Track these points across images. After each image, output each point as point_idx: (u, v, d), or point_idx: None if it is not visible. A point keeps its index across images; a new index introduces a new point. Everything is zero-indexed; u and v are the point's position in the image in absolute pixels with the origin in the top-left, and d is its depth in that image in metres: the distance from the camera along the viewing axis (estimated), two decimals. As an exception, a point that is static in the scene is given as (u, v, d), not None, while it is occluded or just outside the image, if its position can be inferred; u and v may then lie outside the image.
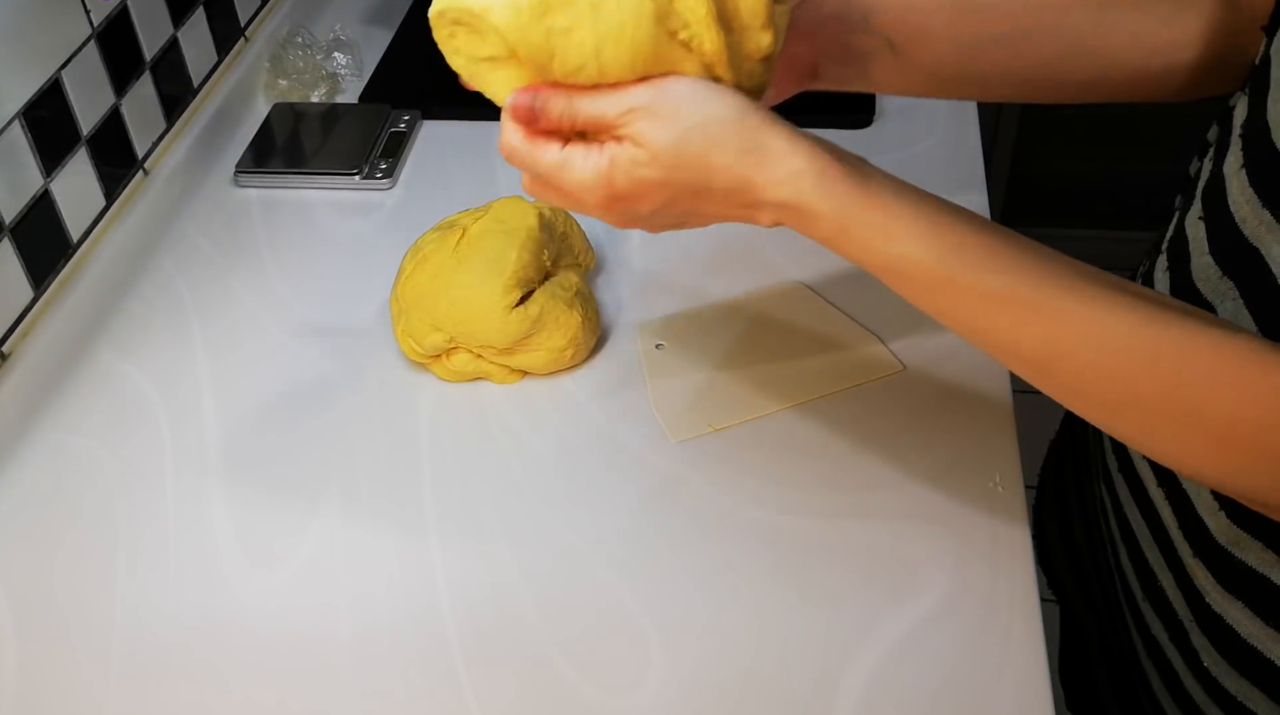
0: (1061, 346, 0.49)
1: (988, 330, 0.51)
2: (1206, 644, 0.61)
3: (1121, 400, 0.48)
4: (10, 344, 0.81)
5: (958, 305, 0.51)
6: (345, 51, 1.14)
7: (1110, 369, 0.48)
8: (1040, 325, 0.49)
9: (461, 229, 0.82)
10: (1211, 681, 0.61)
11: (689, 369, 0.81)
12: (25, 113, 0.81)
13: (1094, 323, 0.48)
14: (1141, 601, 0.67)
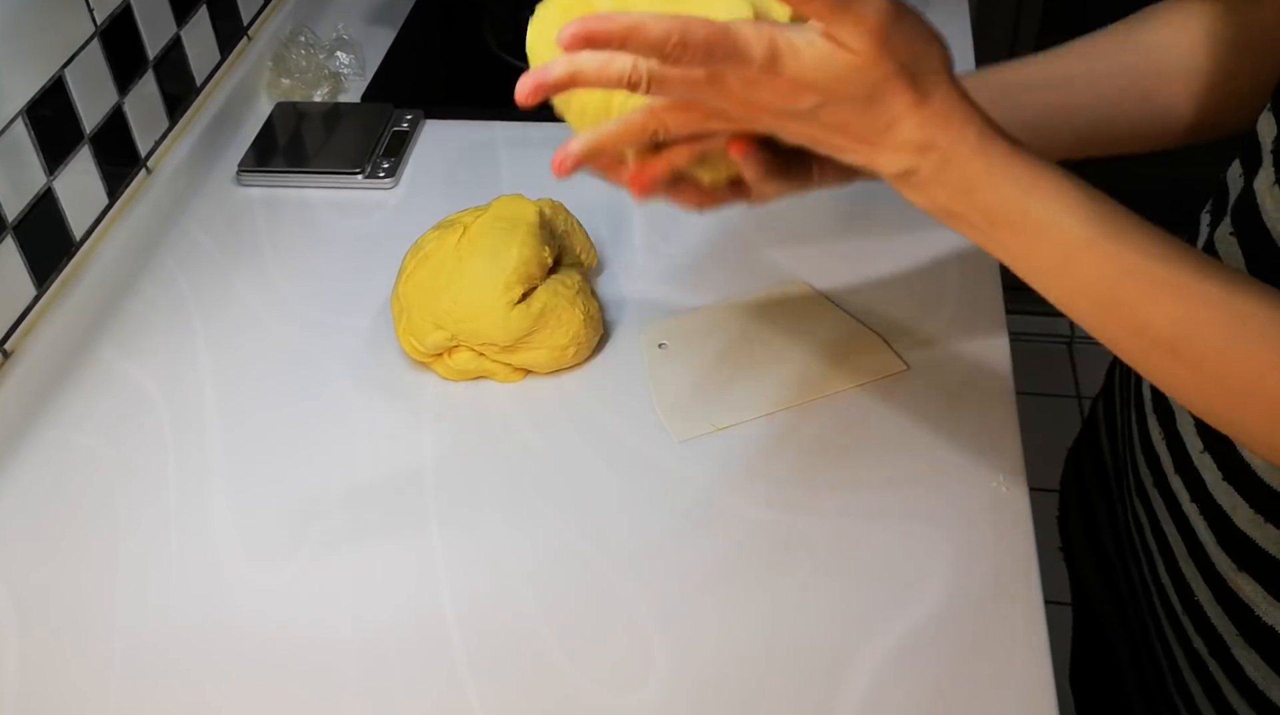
0: (1194, 328, 0.47)
1: (1118, 303, 0.48)
2: (1252, 655, 0.60)
3: (1248, 389, 0.47)
4: (12, 342, 0.81)
5: (1092, 275, 0.49)
6: (348, 51, 1.14)
7: (1242, 357, 0.47)
8: (1175, 304, 0.47)
9: (462, 227, 0.82)
10: (1257, 694, 0.60)
11: (692, 369, 0.81)
12: (28, 111, 0.81)
13: (1231, 308, 0.47)
14: (1181, 615, 0.66)
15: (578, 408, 0.79)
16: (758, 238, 0.92)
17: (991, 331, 0.81)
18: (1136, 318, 0.48)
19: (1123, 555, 0.76)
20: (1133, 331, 0.49)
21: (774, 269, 0.89)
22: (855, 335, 0.82)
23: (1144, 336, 0.49)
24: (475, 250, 0.80)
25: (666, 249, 0.93)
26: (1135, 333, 0.49)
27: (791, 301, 0.85)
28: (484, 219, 0.82)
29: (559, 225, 0.85)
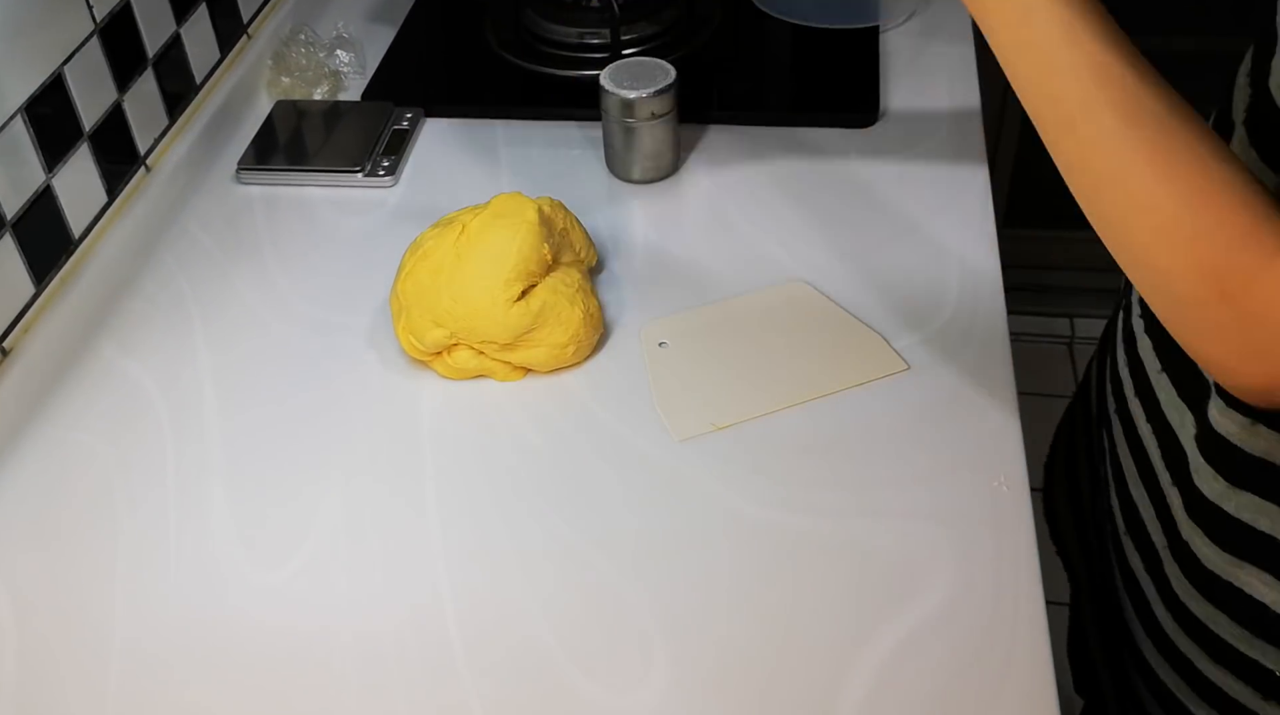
0: (1098, 110, 0.51)
1: (1049, 67, 0.52)
2: (1177, 571, 0.64)
3: (1137, 195, 0.51)
4: (11, 340, 0.81)
5: (1039, 35, 0.52)
6: (348, 49, 1.14)
7: (1135, 151, 0.50)
8: (1094, 83, 0.51)
9: (461, 225, 0.82)
10: (1180, 607, 0.64)
11: (693, 367, 0.81)
12: (27, 108, 0.81)
13: (1141, 105, 0.50)
14: (1124, 536, 0.71)
15: (578, 406, 0.79)
16: (758, 236, 0.92)
17: (993, 331, 0.81)
18: (1054, 85, 0.52)
19: (1093, 495, 0.78)
20: (1049, 99, 0.52)
21: (775, 268, 0.89)
22: (856, 334, 0.82)
23: (1058, 107, 0.52)
24: (474, 248, 0.80)
25: (667, 247, 0.93)
26: (1051, 101, 0.52)
27: (792, 300, 0.85)
28: (483, 217, 0.82)
29: (558, 223, 0.85)
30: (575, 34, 1.11)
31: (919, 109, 1.03)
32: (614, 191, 0.98)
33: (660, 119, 0.95)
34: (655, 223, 0.96)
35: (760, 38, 1.14)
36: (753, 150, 1.01)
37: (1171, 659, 0.68)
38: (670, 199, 0.97)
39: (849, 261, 0.89)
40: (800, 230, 0.92)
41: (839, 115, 1.02)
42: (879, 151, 0.99)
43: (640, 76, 0.94)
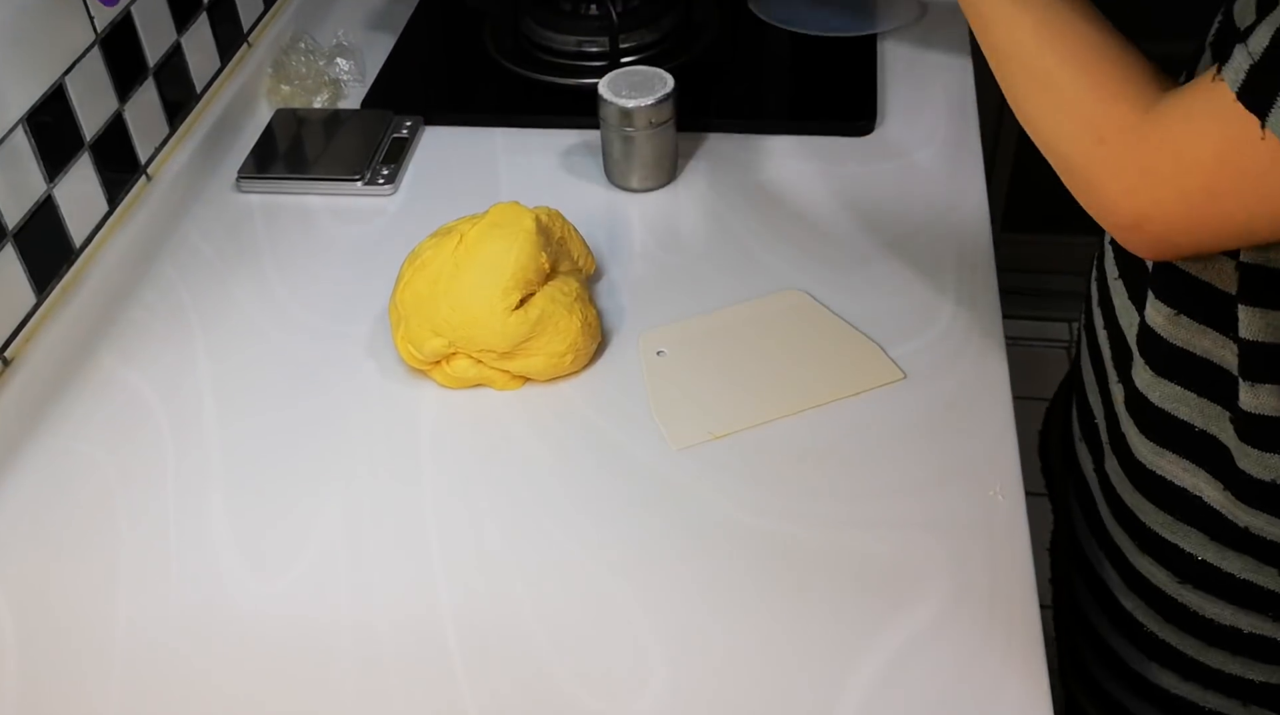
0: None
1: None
2: (1115, 465, 0.72)
3: (1041, 76, 0.61)
4: (13, 349, 0.81)
5: None
6: (348, 57, 1.14)
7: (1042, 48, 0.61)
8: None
9: (459, 234, 0.82)
10: (1116, 499, 0.73)
11: (690, 376, 0.81)
12: (28, 118, 0.81)
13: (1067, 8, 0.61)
14: (1078, 442, 0.79)
15: (576, 415, 0.79)
16: (755, 245, 0.93)
17: (989, 340, 0.82)
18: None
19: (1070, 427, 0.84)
20: (975, 14, 0.63)
21: (772, 276, 0.89)
22: (852, 343, 0.82)
23: (979, 15, 0.63)
24: (473, 257, 0.80)
25: (664, 256, 0.93)
26: (976, 14, 0.63)
27: (789, 309, 0.86)
28: (481, 226, 0.82)
29: (556, 231, 0.85)
30: (574, 42, 1.12)
31: (916, 117, 1.04)
32: (613, 199, 0.99)
33: (659, 128, 0.95)
34: (654, 230, 0.96)
35: (758, 45, 1.15)
36: (751, 158, 1.01)
37: (1107, 550, 0.75)
38: (669, 207, 0.97)
39: (846, 270, 0.89)
40: (798, 238, 0.92)
41: (836, 123, 1.02)
42: (876, 159, 1.00)
43: (639, 86, 0.95)
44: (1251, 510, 0.65)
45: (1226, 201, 0.53)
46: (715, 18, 1.15)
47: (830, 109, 1.05)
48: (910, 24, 1.14)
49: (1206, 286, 0.63)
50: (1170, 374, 0.66)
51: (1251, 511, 0.65)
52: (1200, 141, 0.53)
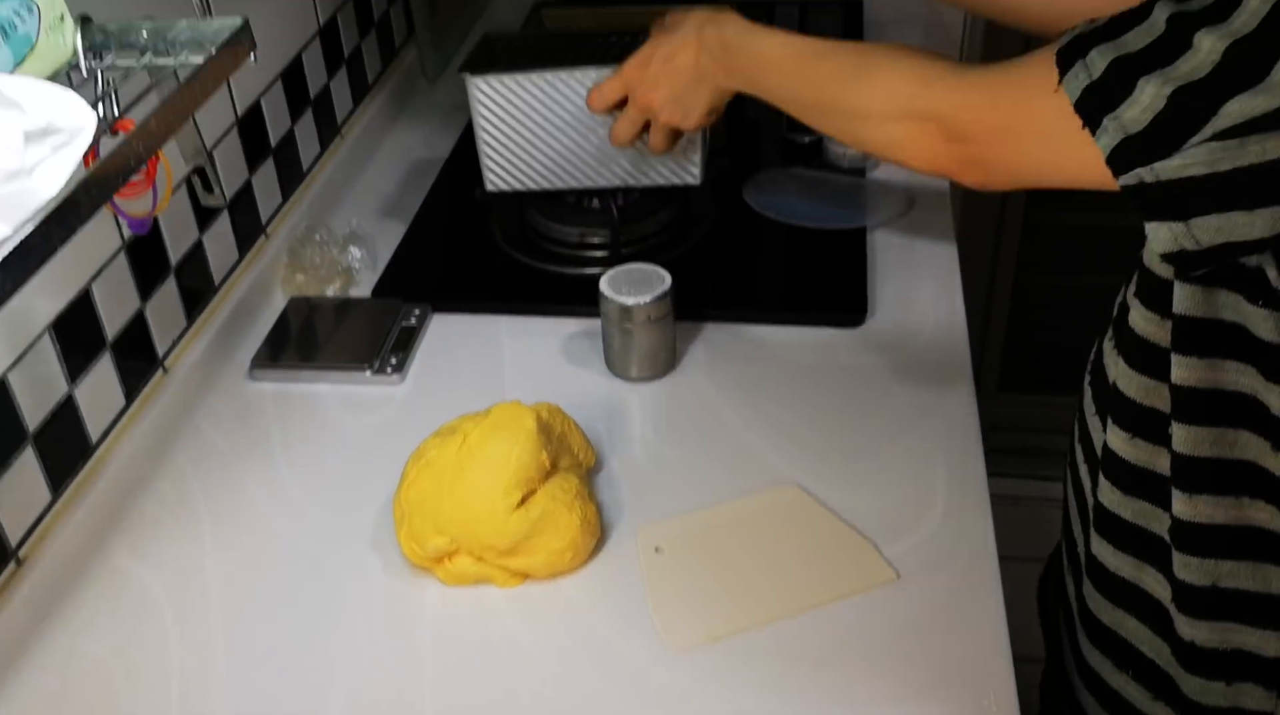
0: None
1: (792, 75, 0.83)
2: (1090, 587, 0.80)
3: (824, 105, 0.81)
4: (26, 549, 0.83)
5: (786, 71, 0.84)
6: (360, 245, 1.19)
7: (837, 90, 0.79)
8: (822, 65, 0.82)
9: (463, 435, 0.85)
10: (1092, 619, 0.80)
11: (687, 575, 0.83)
12: (54, 325, 0.85)
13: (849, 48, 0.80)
14: (1066, 575, 0.86)
15: (576, 615, 0.81)
16: (751, 436, 0.95)
17: (980, 540, 0.83)
18: (794, 89, 0.84)
19: None
20: (792, 99, 0.84)
21: (767, 469, 0.91)
22: (846, 542, 0.84)
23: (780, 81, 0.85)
24: (475, 457, 0.83)
25: (662, 446, 0.96)
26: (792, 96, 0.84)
27: (784, 505, 0.88)
28: (484, 426, 0.85)
29: (556, 427, 0.88)
30: (577, 233, 1.17)
31: (906, 309, 1.08)
32: (613, 389, 1.02)
33: (657, 322, 0.99)
34: (652, 421, 0.99)
35: (753, 236, 1.20)
36: (747, 348, 1.05)
37: (1085, 677, 0.82)
38: (667, 397, 1.00)
39: (839, 463, 0.91)
40: (792, 429, 0.95)
41: (829, 315, 1.06)
42: (868, 351, 1.03)
43: (638, 283, 0.99)
44: (1193, 620, 0.71)
45: (1023, 142, 0.65)
46: (712, 209, 1.20)
47: (823, 301, 1.09)
48: (899, 216, 1.19)
49: (1148, 410, 0.70)
50: (1125, 487, 0.74)
51: (1192, 622, 0.71)
52: (1009, 88, 0.65)
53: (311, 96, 1.26)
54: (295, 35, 1.22)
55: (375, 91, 1.44)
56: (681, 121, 0.94)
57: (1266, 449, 0.66)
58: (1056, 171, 0.64)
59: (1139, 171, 0.58)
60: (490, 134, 1.09)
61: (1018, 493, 1.90)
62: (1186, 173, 0.57)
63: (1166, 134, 0.57)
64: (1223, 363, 0.66)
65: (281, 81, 1.19)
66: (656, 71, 0.92)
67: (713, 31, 0.88)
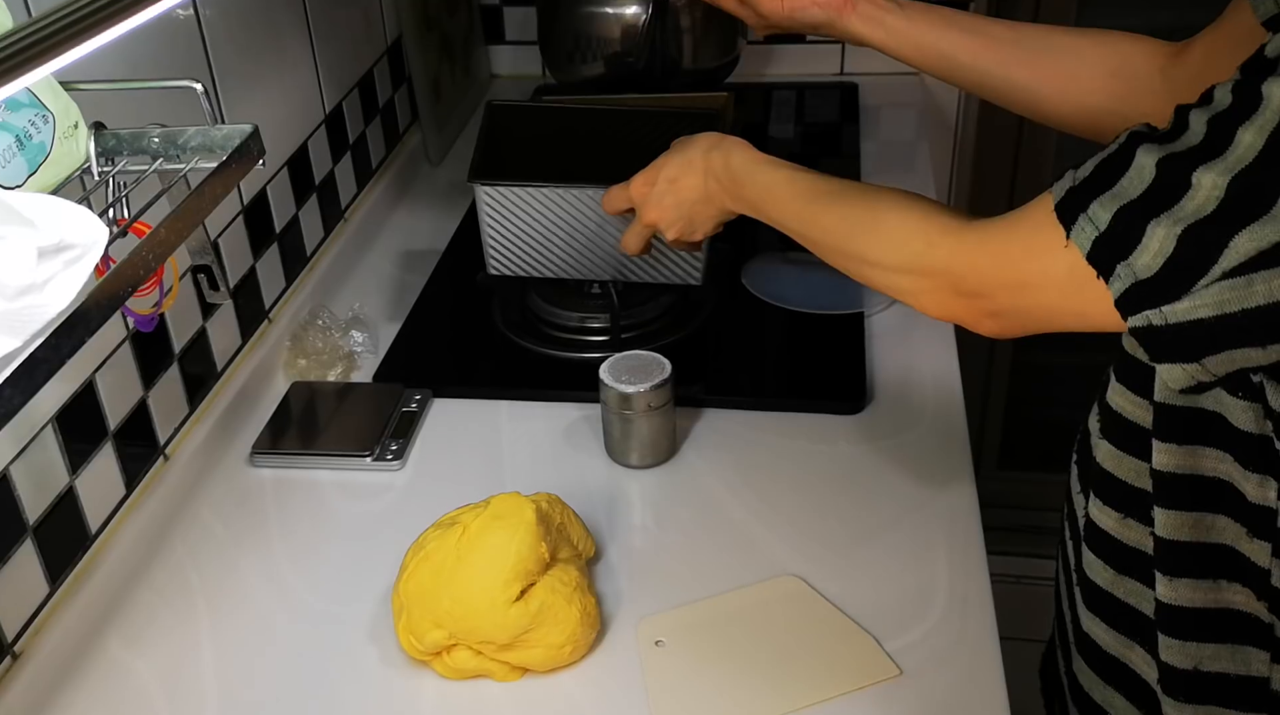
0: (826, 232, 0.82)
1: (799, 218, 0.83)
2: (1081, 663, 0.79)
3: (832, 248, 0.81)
4: (22, 643, 0.83)
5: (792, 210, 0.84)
6: (362, 329, 1.20)
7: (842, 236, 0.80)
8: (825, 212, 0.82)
9: (462, 526, 0.85)
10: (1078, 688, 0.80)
11: (688, 669, 0.82)
12: (58, 417, 0.85)
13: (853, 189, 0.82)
14: (1057, 654, 0.85)
15: (576, 711, 0.80)
16: (751, 524, 0.95)
17: (982, 631, 0.83)
18: (791, 221, 0.84)
19: None
20: (793, 228, 0.84)
21: (767, 558, 0.91)
22: (848, 636, 0.83)
23: (794, 224, 0.84)
24: (474, 549, 0.83)
25: (663, 535, 0.96)
26: (794, 228, 0.84)
27: (785, 597, 0.87)
28: (483, 518, 0.85)
29: (555, 518, 0.88)
30: (577, 318, 1.18)
31: (904, 395, 1.08)
32: (613, 476, 1.02)
33: (657, 410, 0.99)
34: (652, 509, 0.99)
35: (752, 322, 1.21)
36: (746, 434, 1.05)
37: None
38: (667, 485, 1.01)
39: (841, 552, 0.91)
40: (792, 518, 0.95)
41: (828, 402, 1.07)
42: (867, 438, 1.04)
43: (637, 370, 1.00)
44: (1177, 703, 0.71)
45: (1039, 295, 0.65)
46: (711, 294, 1.22)
47: (821, 387, 1.09)
48: (894, 302, 1.20)
49: (1128, 487, 0.71)
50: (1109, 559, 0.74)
51: (1177, 705, 0.71)
52: (1023, 239, 0.65)
53: (316, 182, 1.28)
54: (302, 124, 1.25)
55: (379, 176, 1.46)
56: (688, 237, 0.94)
57: (1243, 534, 0.67)
58: (1077, 319, 0.64)
59: (1148, 314, 0.59)
60: (495, 231, 1.11)
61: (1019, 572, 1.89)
62: (1196, 315, 0.57)
63: (1176, 276, 0.57)
64: (1202, 449, 0.67)
65: (288, 169, 1.21)
66: (663, 191, 0.93)
67: (719, 159, 0.88)
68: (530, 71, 1.78)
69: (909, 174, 1.48)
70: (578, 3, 1.49)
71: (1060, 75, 0.87)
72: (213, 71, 1.05)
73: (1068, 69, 0.87)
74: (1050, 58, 0.88)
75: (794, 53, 1.72)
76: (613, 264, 1.12)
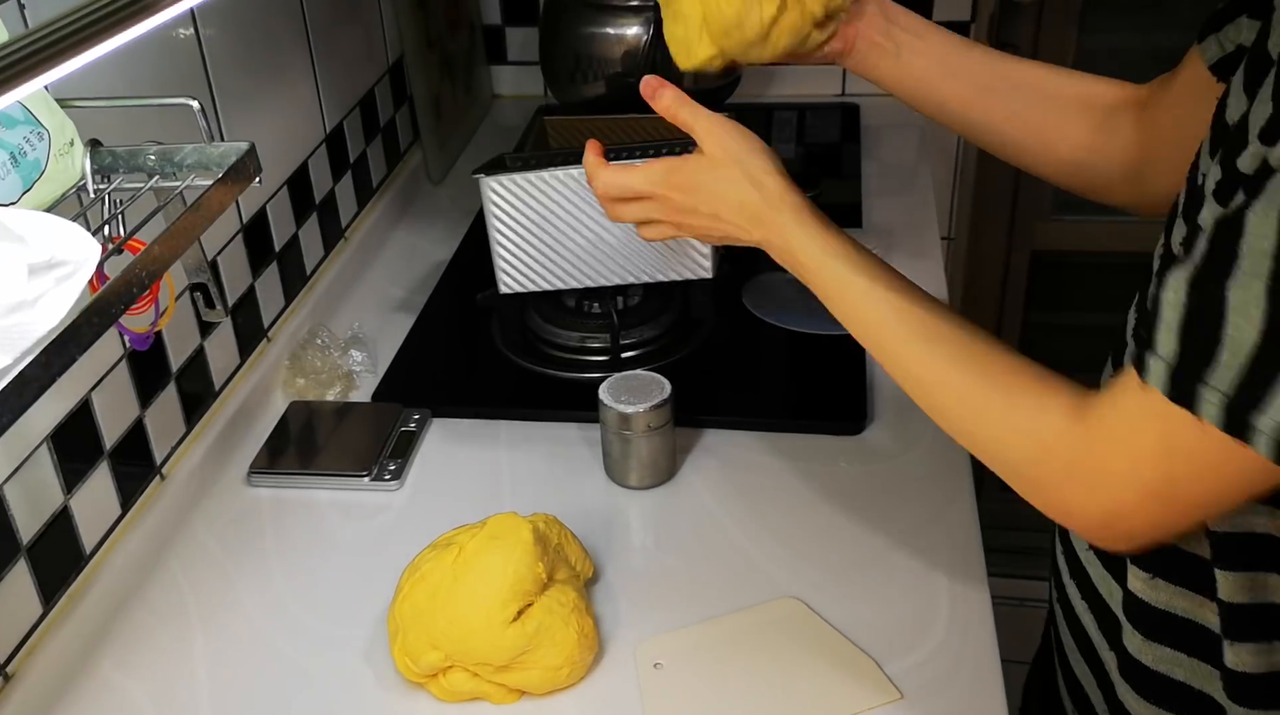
0: (896, 343, 0.73)
1: (864, 321, 0.75)
2: None
3: (922, 380, 0.71)
4: (15, 664, 0.82)
5: (854, 302, 0.76)
6: (361, 348, 1.20)
7: (920, 362, 0.71)
8: (898, 323, 0.73)
9: (458, 547, 0.84)
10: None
11: (686, 693, 0.81)
12: (52, 436, 0.85)
13: (923, 334, 0.71)
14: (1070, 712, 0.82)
15: (572, 735, 0.79)
16: (751, 546, 0.94)
17: (983, 657, 0.82)
18: (869, 329, 0.75)
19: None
20: (873, 344, 0.74)
21: (767, 580, 0.90)
22: (848, 659, 0.82)
23: (880, 346, 0.74)
24: (471, 569, 0.82)
25: (663, 556, 0.95)
26: (875, 344, 0.74)
27: (785, 619, 0.86)
28: (480, 538, 0.84)
29: (553, 539, 0.87)
30: (577, 338, 1.17)
31: (905, 416, 1.08)
32: (612, 496, 1.01)
33: (657, 431, 0.99)
34: (652, 530, 0.98)
35: (753, 342, 1.20)
36: (746, 455, 1.04)
37: None
38: (666, 506, 1.00)
39: (840, 574, 0.90)
40: (792, 539, 0.94)
41: (829, 422, 1.06)
42: (868, 459, 1.03)
43: (637, 390, 0.99)
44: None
45: (1186, 486, 0.57)
46: (711, 314, 1.21)
47: (822, 408, 1.09)
48: (897, 321, 1.20)
49: (1181, 552, 0.67)
50: (1159, 637, 0.70)
51: None
52: (1145, 437, 0.57)
53: (317, 201, 1.28)
54: (303, 142, 1.25)
55: (380, 195, 1.46)
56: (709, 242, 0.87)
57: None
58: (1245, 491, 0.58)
59: None
60: (503, 234, 1.10)
61: (1021, 594, 1.88)
62: None
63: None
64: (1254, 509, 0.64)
65: (288, 188, 1.21)
66: (694, 206, 0.82)
67: (776, 235, 0.79)
68: (532, 91, 1.78)
69: (910, 195, 1.48)
70: (579, 23, 1.49)
71: (1045, 132, 0.86)
72: (213, 90, 1.05)
73: (1053, 125, 0.86)
74: (1038, 112, 0.87)
75: (795, 73, 1.72)
76: (621, 265, 1.11)
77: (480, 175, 1.08)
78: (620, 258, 1.10)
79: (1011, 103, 0.87)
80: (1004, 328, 1.95)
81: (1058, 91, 0.87)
